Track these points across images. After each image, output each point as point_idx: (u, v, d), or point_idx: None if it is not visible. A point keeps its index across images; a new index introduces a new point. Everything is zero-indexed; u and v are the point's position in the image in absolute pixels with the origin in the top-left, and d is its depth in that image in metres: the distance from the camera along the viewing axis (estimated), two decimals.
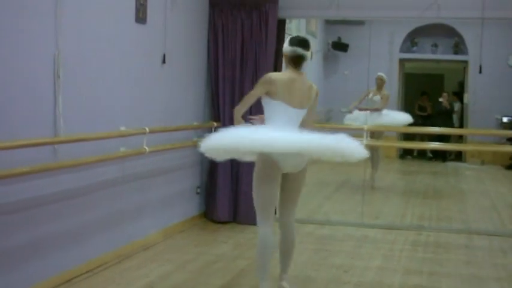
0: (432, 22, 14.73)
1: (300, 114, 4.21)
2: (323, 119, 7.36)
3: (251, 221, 6.85)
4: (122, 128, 5.36)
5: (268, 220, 4.16)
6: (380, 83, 10.32)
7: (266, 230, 4.16)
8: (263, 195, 4.15)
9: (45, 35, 4.40)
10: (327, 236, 6.65)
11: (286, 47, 4.28)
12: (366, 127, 7.45)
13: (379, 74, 10.41)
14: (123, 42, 5.42)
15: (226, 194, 7.00)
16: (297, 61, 4.25)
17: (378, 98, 10.04)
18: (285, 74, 4.29)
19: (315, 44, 12.75)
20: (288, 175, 4.20)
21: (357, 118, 9.29)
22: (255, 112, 5.30)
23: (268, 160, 4.06)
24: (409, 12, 7.13)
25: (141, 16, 5.65)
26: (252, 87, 6.86)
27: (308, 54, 4.24)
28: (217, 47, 6.99)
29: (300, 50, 4.22)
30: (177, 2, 6.29)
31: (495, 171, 12.80)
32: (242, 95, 6.94)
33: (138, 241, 5.78)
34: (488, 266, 5.70)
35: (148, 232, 5.99)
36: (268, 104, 4.20)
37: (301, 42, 4.27)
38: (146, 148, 5.55)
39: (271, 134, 3.94)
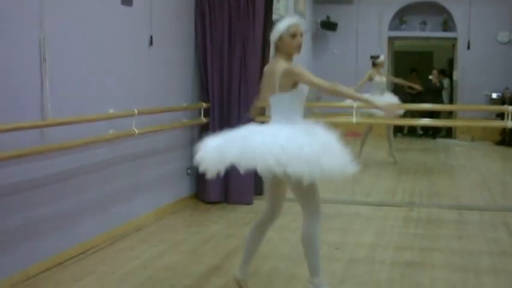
0: (420, 0, 14.74)
1: (274, 100, 3.91)
2: (313, 98, 7.31)
3: (242, 200, 6.88)
4: (111, 111, 5.33)
5: (264, 210, 4.09)
6: (382, 65, 10.43)
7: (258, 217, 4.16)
8: None
9: (30, 18, 4.36)
10: None
11: None
12: (355, 105, 7.39)
13: (381, 58, 10.43)
14: (109, 25, 5.37)
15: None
16: None
17: (383, 79, 10.21)
18: None
19: (303, 23, 12.70)
20: None
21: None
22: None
23: None
24: None
25: None
26: (240, 67, 6.89)
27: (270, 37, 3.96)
28: (204, 27, 6.93)
29: None
30: None
31: (485, 147, 12.87)
32: (231, 75, 6.93)
33: (130, 222, 5.78)
34: (479, 240, 5.73)
35: (140, 213, 5.99)
36: None
37: None
38: (135, 130, 5.54)
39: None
